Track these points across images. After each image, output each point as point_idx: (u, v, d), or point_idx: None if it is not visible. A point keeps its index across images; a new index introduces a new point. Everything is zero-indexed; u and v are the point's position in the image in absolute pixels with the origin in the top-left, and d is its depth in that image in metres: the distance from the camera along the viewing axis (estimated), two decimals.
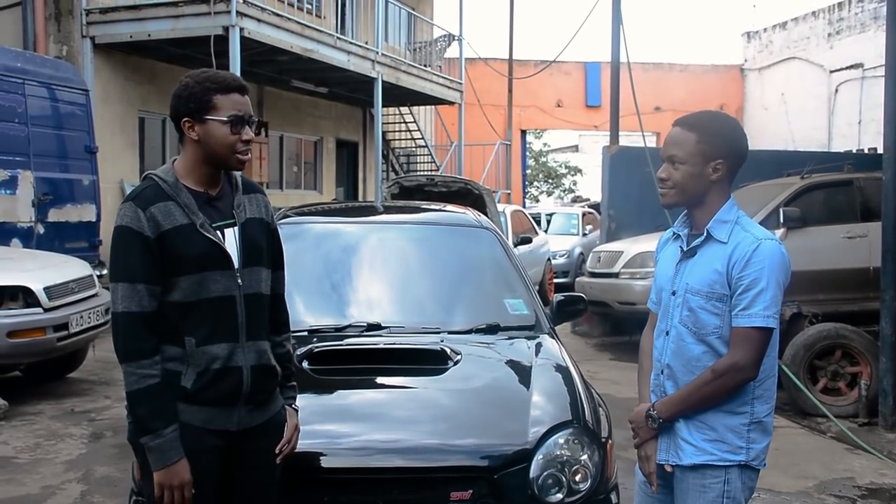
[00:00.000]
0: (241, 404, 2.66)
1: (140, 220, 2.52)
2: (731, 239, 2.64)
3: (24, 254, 8.72)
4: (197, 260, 2.57)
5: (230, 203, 2.71)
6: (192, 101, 2.59)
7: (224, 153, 2.61)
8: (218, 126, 2.59)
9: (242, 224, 2.70)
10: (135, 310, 2.51)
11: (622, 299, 10.14)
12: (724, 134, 2.69)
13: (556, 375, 3.78)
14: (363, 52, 15.68)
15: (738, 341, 2.59)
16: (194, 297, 2.57)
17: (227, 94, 2.60)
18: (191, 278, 2.56)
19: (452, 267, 4.83)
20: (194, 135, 2.60)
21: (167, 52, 13.41)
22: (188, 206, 2.58)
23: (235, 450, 2.67)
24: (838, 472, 5.90)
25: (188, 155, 2.65)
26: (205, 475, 2.61)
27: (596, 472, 3.19)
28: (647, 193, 3.10)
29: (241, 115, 2.61)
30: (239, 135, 2.61)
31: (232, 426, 2.65)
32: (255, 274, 2.71)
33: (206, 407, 2.60)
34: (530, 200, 35.02)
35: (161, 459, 2.52)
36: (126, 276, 2.52)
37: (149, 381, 2.52)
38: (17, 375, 8.08)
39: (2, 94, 9.46)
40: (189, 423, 2.57)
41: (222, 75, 2.66)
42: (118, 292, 2.53)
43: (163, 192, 2.58)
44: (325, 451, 3.15)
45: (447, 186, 9.53)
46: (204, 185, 2.66)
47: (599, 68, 25.65)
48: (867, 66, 21.22)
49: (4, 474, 5.54)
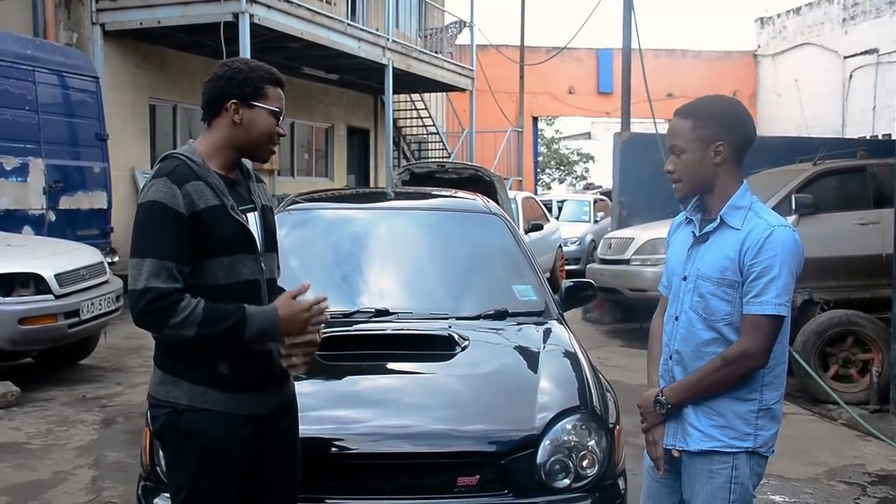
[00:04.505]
0: (272, 386, 2.67)
1: (176, 196, 2.47)
2: (745, 225, 2.61)
3: (35, 241, 8.75)
4: (228, 242, 2.55)
5: (247, 189, 2.72)
6: (247, 85, 2.59)
7: (263, 142, 2.63)
8: (265, 114, 2.60)
9: (261, 209, 2.72)
10: (161, 286, 2.42)
11: (633, 286, 10.11)
12: (720, 115, 2.66)
13: (564, 361, 3.77)
14: (374, 39, 15.64)
15: (748, 329, 2.57)
16: (226, 281, 2.55)
17: (276, 86, 2.64)
18: (223, 261, 2.55)
19: (461, 253, 4.81)
20: (238, 118, 2.59)
21: (177, 39, 13.42)
22: (218, 188, 2.56)
23: (262, 434, 2.67)
24: (848, 458, 5.88)
25: (217, 137, 2.63)
26: (237, 462, 2.61)
27: (603, 457, 3.19)
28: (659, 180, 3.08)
29: (282, 109, 2.66)
30: (279, 127, 2.64)
31: (265, 409, 2.65)
32: (272, 259, 2.74)
33: (242, 392, 2.59)
34: (542, 187, 34.96)
35: (265, 317, 2.51)
36: (156, 252, 2.44)
37: (199, 306, 2.45)
38: (29, 362, 8.13)
39: (12, 82, 9.48)
40: (225, 412, 2.56)
41: (272, 69, 2.69)
42: (143, 268, 2.42)
43: (193, 171, 2.54)
44: (332, 436, 3.15)
45: (458, 173, 9.51)
46: (226, 169, 2.65)
47: (611, 55, 25.54)
48: (882, 51, 21.07)
49: (17, 460, 5.58)
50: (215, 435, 2.55)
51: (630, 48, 12.71)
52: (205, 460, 2.56)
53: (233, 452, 2.59)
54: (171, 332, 2.46)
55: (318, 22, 13.82)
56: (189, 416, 2.54)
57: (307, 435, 2.92)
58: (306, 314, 2.55)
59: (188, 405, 2.55)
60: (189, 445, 2.56)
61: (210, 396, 2.55)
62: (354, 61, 15.78)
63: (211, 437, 2.54)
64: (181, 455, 2.59)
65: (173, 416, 2.56)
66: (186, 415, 2.55)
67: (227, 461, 2.58)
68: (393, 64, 16.21)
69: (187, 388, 2.55)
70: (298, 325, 2.55)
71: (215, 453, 2.56)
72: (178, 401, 2.56)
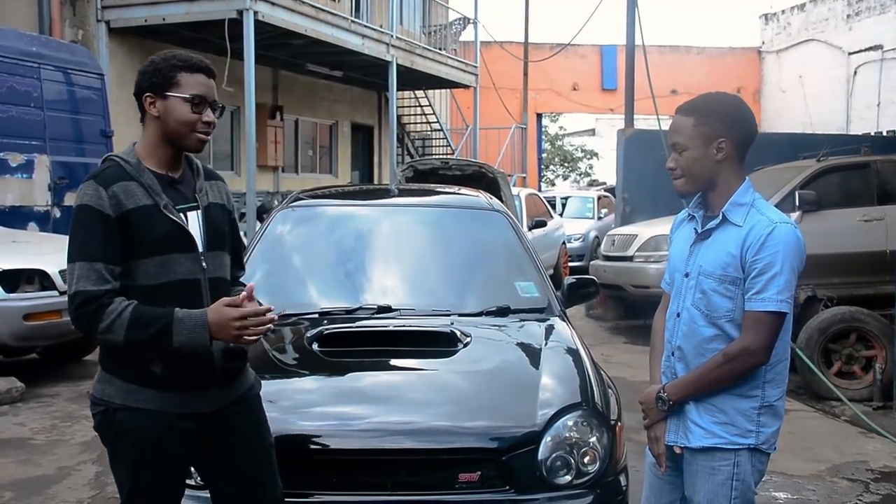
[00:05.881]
0: (213, 387, 2.62)
1: (101, 198, 2.46)
2: (747, 222, 2.61)
3: (40, 237, 8.79)
4: (160, 242, 2.52)
5: (192, 187, 2.67)
6: (156, 76, 2.55)
7: (182, 131, 2.56)
8: (179, 103, 2.55)
9: (205, 208, 2.66)
10: (91, 288, 2.41)
11: (636, 282, 10.11)
12: (722, 112, 2.66)
13: (565, 358, 3.78)
14: (378, 36, 15.64)
15: (750, 325, 2.57)
16: (158, 281, 2.51)
17: (192, 73, 2.57)
18: (154, 260, 2.51)
19: (464, 250, 4.82)
20: (155, 111, 2.56)
21: (182, 37, 13.42)
22: (151, 187, 2.53)
23: (207, 432, 2.63)
24: (851, 455, 5.88)
25: (149, 134, 2.61)
26: (176, 458, 2.59)
27: (605, 454, 3.19)
28: (662, 177, 3.08)
29: (203, 95, 2.58)
30: (200, 115, 2.57)
31: (206, 408, 2.61)
32: (219, 258, 2.68)
33: (178, 392, 2.55)
34: (546, 184, 34.93)
35: (194, 322, 2.45)
36: (84, 255, 2.44)
37: (126, 310, 2.42)
38: (33, 358, 8.16)
39: (18, 79, 9.48)
40: (161, 410, 2.53)
41: (190, 55, 2.63)
42: (74, 272, 2.43)
43: (125, 172, 2.52)
44: (333, 432, 3.15)
45: (461, 170, 9.51)
46: (165, 167, 2.61)
47: (615, 51, 25.48)
48: (886, 47, 21.03)
49: (21, 455, 5.60)
50: (148, 433, 2.52)
51: (634, 44, 12.70)
52: (140, 458, 2.54)
53: (168, 450, 2.55)
54: (101, 336, 2.47)
55: (322, 19, 13.82)
56: (121, 414, 2.53)
57: (310, 430, 2.93)
58: (237, 322, 2.44)
59: (121, 404, 2.54)
60: (123, 443, 2.56)
61: (143, 395, 2.53)
62: (358, 58, 15.78)
63: (143, 435, 2.52)
64: (118, 453, 2.58)
65: (107, 414, 2.56)
66: (119, 413, 2.54)
67: (163, 459, 2.55)
68: (397, 60, 16.20)
69: (121, 386, 2.54)
70: (229, 333, 2.45)
71: (149, 451, 2.53)
72: (111, 399, 2.55)
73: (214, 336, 2.47)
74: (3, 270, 6.90)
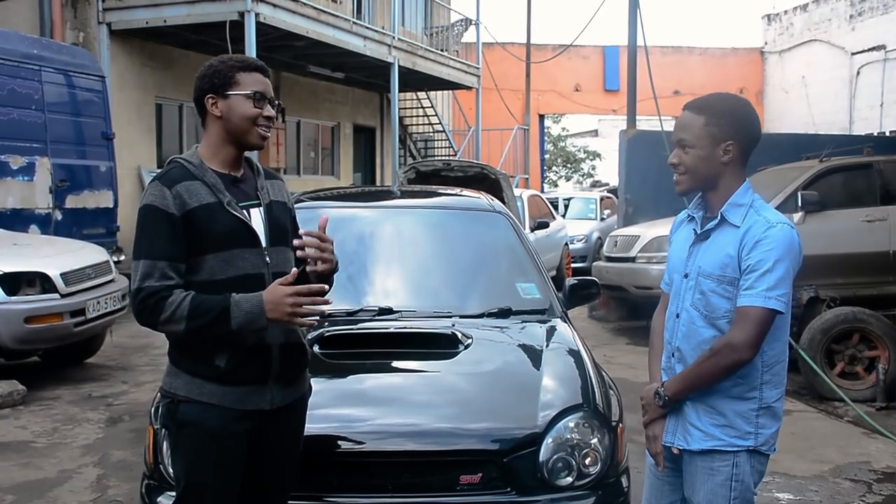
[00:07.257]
0: (271, 382, 2.67)
1: (166, 197, 2.55)
2: (745, 223, 2.61)
3: (41, 240, 8.78)
4: (225, 237, 2.59)
5: (253, 185, 2.76)
6: (217, 77, 2.65)
7: (246, 127, 2.65)
8: (241, 100, 2.63)
9: (267, 205, 2.74)
10: (153, 284, 2.51)
11: (639, 283, 10.10)
12: (733, 115, 2.65)
13: (567, 359, 3.77)
14: (379, 37, 15.65)
15: (736, 320, 2.56)
16: (223, 276, 2.58)
17: (250, 72, 2.67)
18: (219, 256, 2.58)
19: (465, 251, 4.81)
20: (217, 111, 2.65)
21: (183, 38, 13.45)
22: (214, 186, 2.62)
23: (264, 430, 2.69)
24: (854, 456, 5.86)
25: (211, 135, 2.69)
26: (233, 458, 2.63)
27: (606, 455, 3.19)
28: (665, 177, 3.07)
29: (262, 91, 2.67)
30: (261, 109, 2.66)
31: (265, 405, 2.66)
32: (283, 254, 2.74)
33: (239, 386, 2.61)
34: (549, 185, 34.95)
35: (251, 303, 2.51)
36: (148, 253, 2.54)
37: (185, 300, 2.50)
38: (35, 361, 8.15)
39: (19, 81, 9.50)
40: (223, 406, 2.59)
41: (245, 56, 2.75)
42: (139, 269, 2.54)
43: (189, 172, 2.62)
44: (334, 434, 3.15)
45: (463, 171, 9.51)
46: (228, 167, 2.69)
47: (618, 52, 25.53)
48: (889, 48, 21.01)
49: (22, 458, 5.59)
50: (208, 427, 2.58)
51: (636, 45, 12.68)
52: (198, 452, 2.61)
53: (226, 446, 2.61)
54: (163, 328, 2.55)
55: (323, 20, 13.83)
56: (185, 407, 2.61)
57: (311, 433, 2.92)
58: (290, 298, 2.50)
59: (185, 396, 2.61)
60: (184, 436, 2.63)
61: (206, 389, 2.60)
62: (360, 59, 15.78)
63: (204, 429, 2.59)
64: (179, 445, 2.65)
65: (172, 406, 2.63)
66: (182, 406, 2.61)
67: (221, 455, 2.60)
68: (399, 62, 16.21)
69: (186, 379, 2.62)
70: (283, 311, 2.51)
71: (208, 446, 2.59)
72: (177, 392, 2.63)
73: (270, 317, 2.51)
74: (4, 273, 6.89)
